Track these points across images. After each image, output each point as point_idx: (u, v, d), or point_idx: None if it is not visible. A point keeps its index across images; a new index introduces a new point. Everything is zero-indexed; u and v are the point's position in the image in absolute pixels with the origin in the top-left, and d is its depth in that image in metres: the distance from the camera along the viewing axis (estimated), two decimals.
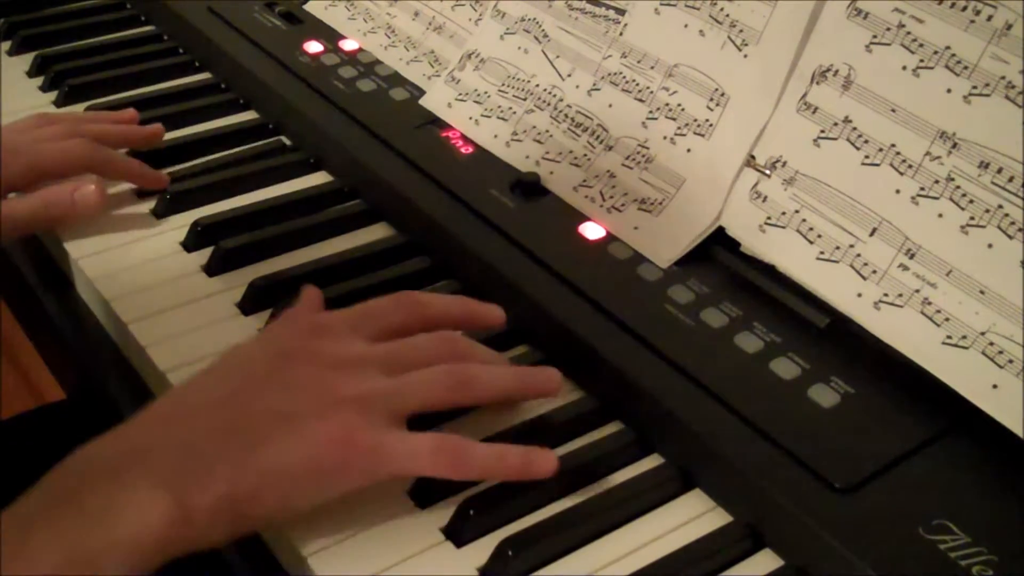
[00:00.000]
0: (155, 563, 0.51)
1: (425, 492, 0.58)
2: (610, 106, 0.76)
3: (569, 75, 0.79)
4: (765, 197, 0.68)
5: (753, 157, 0.69)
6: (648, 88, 0.75)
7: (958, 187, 0.60)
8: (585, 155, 0.76)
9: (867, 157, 0.64)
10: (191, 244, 0.76)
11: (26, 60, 0.99)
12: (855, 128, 0.65)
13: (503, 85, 0.82)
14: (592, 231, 0.72)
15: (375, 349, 0.59)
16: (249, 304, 0.71)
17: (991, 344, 0.58)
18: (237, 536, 0.55)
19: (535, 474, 0.57)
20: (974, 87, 0.60)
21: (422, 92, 0.86)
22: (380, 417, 0.55)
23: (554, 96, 0.79)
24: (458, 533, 0.56)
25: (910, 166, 0.62)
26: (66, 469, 0.52)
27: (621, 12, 0.77)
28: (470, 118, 0.82)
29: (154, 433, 0.54)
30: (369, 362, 0.58)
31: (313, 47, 0.93)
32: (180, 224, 0.78)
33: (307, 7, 0.99)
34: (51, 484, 0.52)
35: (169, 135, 0.88)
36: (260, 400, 0.55)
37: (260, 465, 0.53)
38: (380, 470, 0.55)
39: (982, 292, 0.59)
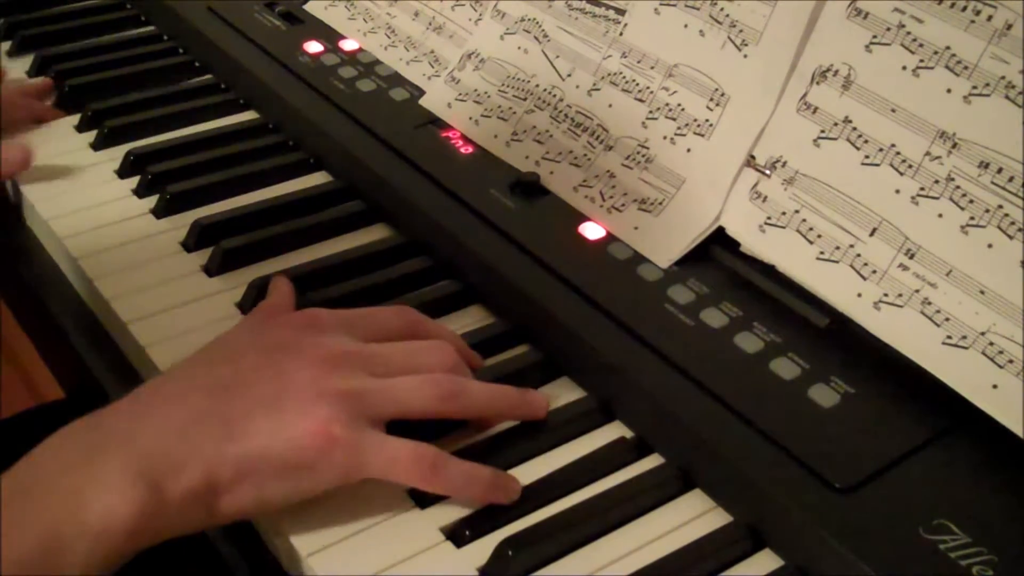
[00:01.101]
0: (125, 551, 0.51)
1: (425, 491, 0.58)
2: (610, 106, 0.76)
3: (569, 75, 0.79)
4: (765, 197, 0.68)
5: (753, 157, 0.69)
6: (648, 88, 0.75)
7: (958, 187, 0.60)
8: (585, 155, 0.76)
9: (867, 157, 0.64)
10: (191, 244, 0.76)
11: (26, 60, 0.99)
12: (855, 128, 0.65)
13: (503, 85, 0.82)
14: (592, 231, 0.72)
15: (367, 348, 0.59)
16: (249, 304, 0.71)
17: (991, 344, 0.58)
18: (210, 528, 0.55)
19: (500, 499, 0.57)
20: (974, 87, 0.60)
21: (422, 92, 0.86)
22: (362, 417, 0.55)
23: (554, 96, 0.79)
24: (458, 533, 0.56)
25: (910, 166, 0.62)
26: (43, 450, 0.52)
27: (621, 12, 0.77)
28: (470, 118, 0.82)
29: (133, 419, 0.54)
30: (358, 360, 0.58)
31: (313, 47, 0.93)
32: (180, 224, 0.78)
33: (307, 7, 0.99)
34: (27, 466, 0.52)
35: (169, 135, 0.88)
36: (245, 390, 0.55)
37: (235, 457, 0.52)
38: (356, 471, 0.55)
39: (982, 292, 0.58)
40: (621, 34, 0.77)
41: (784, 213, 0.67)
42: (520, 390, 0.63)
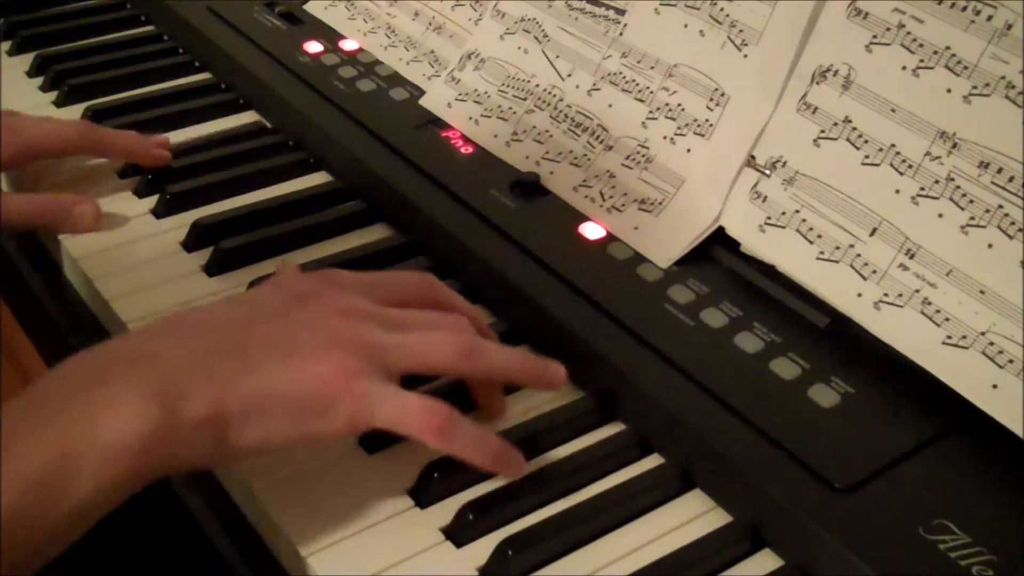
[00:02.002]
0: (135, 475, 0.50)
1: (425, 490, 0.58)
2: (610, 106, 0.76)
3: (569, 75, 0.79)
4: (765, 197, 0.68)
5: (753, 157, 0.69)
6: (648, 88, 0.75)
7: (958, 187, 0.60)
8: (585, 155, 0.76)
9: (867, 157, 0.64)
10: (191, 244, 0.76)
11: (26, 60, 0.99)
12: (855, 128, 0.65)
13: (503, 85, 0.82)
14: (592, 231, 0.72)
15: (384, 309, 0.59)
16: None
17: (991, 344, 0.58)
18: (216, 463, 0.55)
19: (504, 469, 0.57)
20: (974, 87, 0.60)
21: (422, 92, 0.86)
22: (377, 367, 0.55)
23: (554, 96, 0.79)
24: (458, 533, 0.56)
25: (910, 166, 0.62)
26: (56, 372, 0.52)
27: (621, 12, 0.77)
28: (470, 118, 0.82)
29: (150, 344, 0.54)
30: (376, 317, 0.58)
31: (313, 47, 0.93)
32: (180, 224, 0.78)
33: (307, 7, 0.99)
34: (40, 386, 0.51)
35: (169, 135, 0.88)
36: (262, 329, 0.55)
37: (248, 389, 0.52)
38: (364, 419, 0.54)
39: (982, 292, 0.58)
40: (621, 34, 0.77)
41: (784, 213, 0.67)
42: (540, 358, 0.62)
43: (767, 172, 0.68)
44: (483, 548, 0.56)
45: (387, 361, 0.56)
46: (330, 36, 0.94)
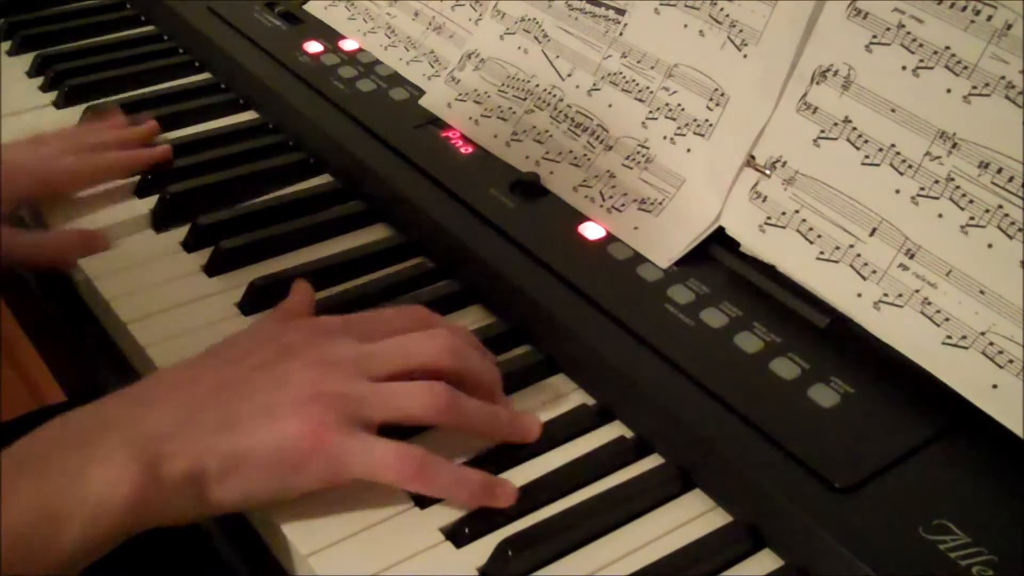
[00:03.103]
0: (121, 531, 0.52)
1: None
2: (610, 106, 0.76)
3: (569, 75, 0.79)
4: (765, 197, 0.68)
5: (753, 157, 0.69)
6: (648, 88, 0.75)
7: (958, 187, 0.60)
8: (585, 155, 0.76)
9: (867, 157, 0.64)
10: (191, 244, 0.76)
11: (26, 60, 0.99)
12: (855, 128, 0.65)
13: (503, 85, 0.82)
14: (592, 231, 0.72)
15: (364, 348, 0.60)
16: (249, 304, 0.71)
17: (991, 344, 0.58)
18: (199, 518, 0.55)
19: (494, 503, 0.57)
20: (974, 87, 0.60)
21: (422, 92, 0.86)
22: (354, 419, 0.56)
23: (554, 96, 0.79)
24: (458, 533, 0.56)
25: (910, 166, 0.62)
26: (40, 434, 0.53)
27: (621, 12, 0.77)
28: (470, 118, 0.82)
29: (136, 403, 0.55)
30: (355, 363, 0.58)
31: (313, 47, 0.93)
32: (180, 224, 0.78)
33: (307, 7, 0.99)
34: (24, 446, 0.53)
35: (169, 135, 0.88)
36: (245, 389, 0.56)
37: (225, 448, 0.54)
38: (342, 471, 0.55)
39: (982, 292, 0.58)
40: (621, 34, 0.77)
41: (784, 213, 0.67)
42: (512, 413, 0.62)
43: (767, 172, 0.68)
44: (483, 548, 0.56)
45: (364, 412, 0.56)
46: (330, 36, 0.94)
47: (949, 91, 0.61)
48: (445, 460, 0.57)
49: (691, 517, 0.58)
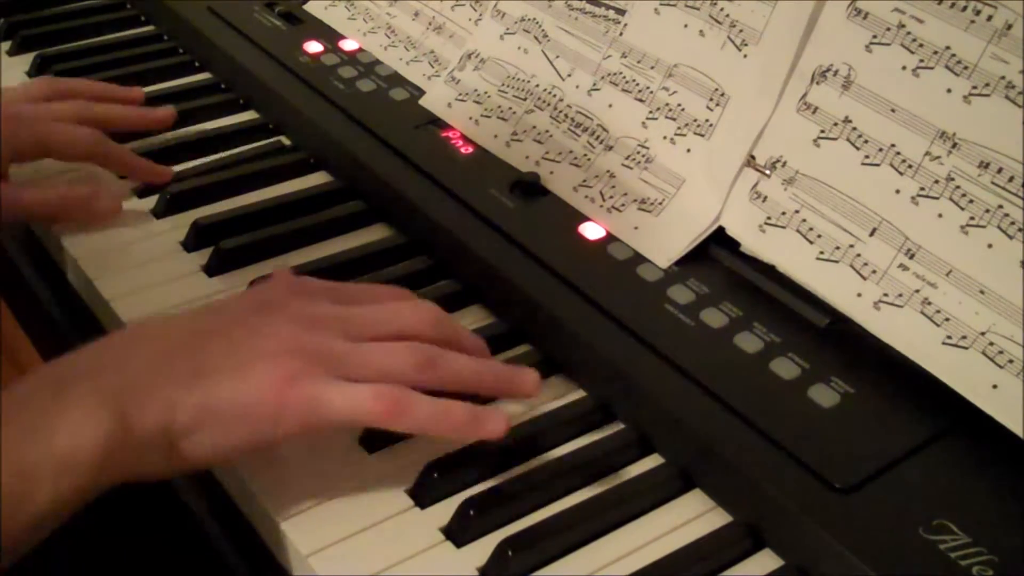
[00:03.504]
0: (93, 484, 0.50)
1: (425, 490, 0.58)
2: (610, 106, 0.76)
3: (569, 75, 0.79)
4: (765, 197, 0.68)
5: (753, 157, 0.69)
6: (648, 88, 0.75)
7: (958, 187, 0.60)
8: (585, 155, 0.76)
9: (867, 157, 0.64)
10: (191, 244, 0.76)
11: (26, 60, 0.99)
12: (855, 128, 0.65)
13: (503, 85, 0.82)
14: (592, 231, 0.72)
15: (346, 309, 0.59)
16: None
17: (991, 344, 0.58)
18: (170, 473, 0.54)
19: (483, 433, 0.56)
20: (974, 87, 0.60)
21: (422, 92, 0.86)
22: (327, 370, 0.55)
23: (554, 96, 0.79)
24: (458, 533, 0.56)
25: (910, 166, 0.62)
26: (17, 385, 0.52)
27: (621, 12, 0.77)
28: (470, 118, 0.82)
29: (109, 354, 0.54)
30: (337, 322, 0.57)
31: (313, 47, 0.93)
32: (180, 224, 0.78)
33: (307, 7, 0.99)
34: (2, 399, 0.51)
35: (169, 135, 0.88)
36: (220, 339, 0.55)
37: (196, 399, 0.52)
38: (317, 417, 0.54)
39: (982, 292, 0.58)
40: (621, 34, 0.77)
41: (784, 213, 0.67)
42: (507, 366, 0.61)
43: (767, 172, 0.68)
44: (483, 548, 0.56)
45: (341, 370, 0.55)
46: (330, 36, 0.94)
47: (949, 91, 0.61)
48: (423, 395, 0.56)
49: (691, 517, 0.58)
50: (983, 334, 0.58)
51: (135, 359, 0.54)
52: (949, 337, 0.59)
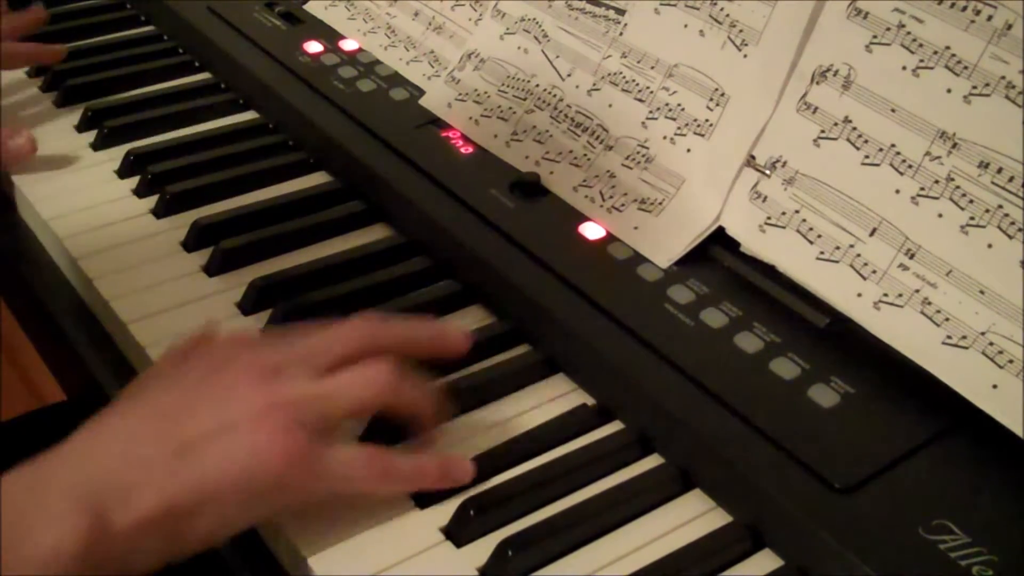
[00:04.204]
0: None
1: (425, 492, 0.58)
2: (610, 106, 0.76)
3: (569, 75, 0.79)
4: (765, 197, 0.68)
5: (753, 157, 0.69)
6: (648, 88, 0.75)
7: (958, 187, 0.60)
8: (585, 155, 0.76)
9: (867, 157, 0.64)
10: (191, 244, 0.76)
11: None
12: (855, 128, 0.65)
13: (503, 85, 0.82)
14: (592, 231, 0.72)
15: (292, 346, 0.57)
16: (249, 304, 0.71)
17: (991, 344, 0.58)
18: (179, 556, 0.52)
19: (453, 482, 0.57)
20: (974, 87, 0.60)
21: (422, 92, 0.86)
22: (313, 425, 0.54)
23: (554, 96, 0.79)
24: (458, 533, 0.56)
25: (910, 166, 0.62)
26: None
27: (621, 12, 0.77)
28: (470, 118, 0.82)
29: (76, 451, 0.52)
30: (295, 361, 0.56)
31: (313, 47, 0.93)
32: (180, 224, 0.78)
33: (307, 7, 0.99)
34: None
35: (169, 135, 0.88)
36: (193, 410, 0.53)
37: (194, 480, 0.51)
38: (316, 488, 0.54)
39: (982, 292, 0.58)
40: (621, 34, 0.77)
41: (784, 213, 0.67)
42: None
43: (767, 172, 0.68)
44: (483, 548, 0.56)
45: (320, 413, 0.55)
46: (330, 36, 0.94)
47: (949, 91, 0.61)
48: (399, 452, 0.57)
49: (691, 517, 0.58)
50: (983, 334, 0.58)
51: (105, 449, 0.52)
52: (949, 337, 0.59)
